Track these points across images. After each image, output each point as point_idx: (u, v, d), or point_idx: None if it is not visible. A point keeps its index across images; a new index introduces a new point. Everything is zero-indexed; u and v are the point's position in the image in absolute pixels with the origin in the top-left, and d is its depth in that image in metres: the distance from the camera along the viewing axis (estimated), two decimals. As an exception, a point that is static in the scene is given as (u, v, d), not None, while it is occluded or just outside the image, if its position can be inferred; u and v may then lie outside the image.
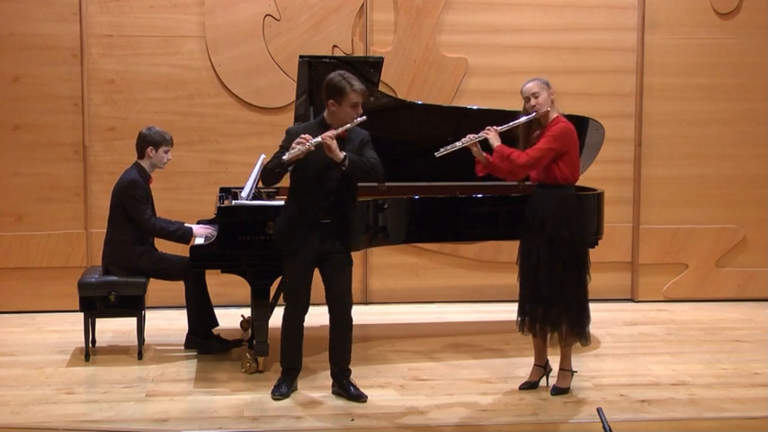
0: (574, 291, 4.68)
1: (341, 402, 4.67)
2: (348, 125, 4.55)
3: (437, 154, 4.82)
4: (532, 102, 4.68)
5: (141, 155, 5.45)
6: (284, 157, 4.50)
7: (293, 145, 4.47)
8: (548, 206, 4.68)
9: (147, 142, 5.42)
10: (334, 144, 4.45)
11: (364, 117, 4.58)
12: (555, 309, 4.66)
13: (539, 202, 4.74)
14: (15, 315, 6.47)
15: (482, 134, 4.77)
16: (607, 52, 6.96)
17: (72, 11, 6.48)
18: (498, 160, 4.71)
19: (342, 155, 4.46)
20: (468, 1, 6.83)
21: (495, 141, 4.74)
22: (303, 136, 4.50)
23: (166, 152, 5.46)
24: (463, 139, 4.79)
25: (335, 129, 4.54)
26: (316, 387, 4.88)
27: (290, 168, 4.60)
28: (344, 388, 4.73)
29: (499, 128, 4.78)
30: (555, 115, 4.72)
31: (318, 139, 4.49)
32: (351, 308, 4.76)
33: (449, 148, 4.80)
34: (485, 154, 4.78)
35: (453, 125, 5.74)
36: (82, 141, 6.56)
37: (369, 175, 4.59)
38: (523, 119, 4.73)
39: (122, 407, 4.60)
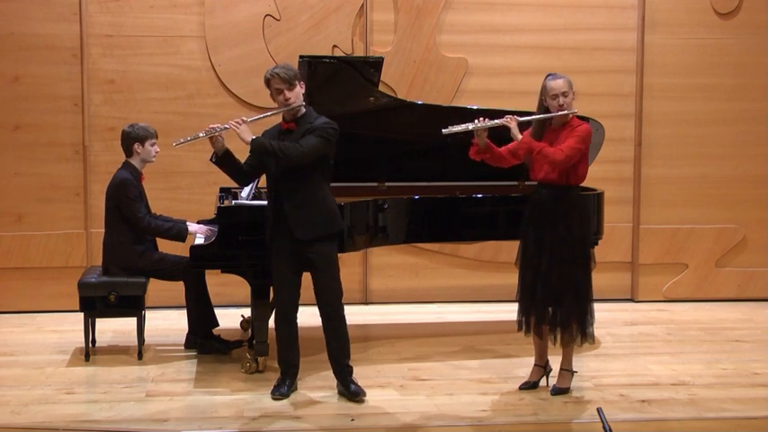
0: (584, 290, 4.67)
1: (341, 402, 4.67)
2: (266, 114, 4.71)
3: (444, 131, 4.70)
4: (561, 101, 4.58)
5: (129, 153, 5.44)
6: (174, 144, 4.74)
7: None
8: (558, 207, 4.64)
9: (132, 139, 5.40)
10: (239, 128, 4.55)
11: (300, 104, 4.60)
12: (566, 308, 4.65)
13: (547, 202, 4.67)
14: (15, 315, 6.47)
15: (500, 121, 4.65)
16: (607, 52, 6.96)
17: (72, 11, 6.48)
18: (526, 151, 4.61)
19: (249, 138, 4.53)
20: (468, 1, 6.83)
21: (519, 134, 4.62)
22: (210, 126, 4.63)
23: (153, 145, 5.45)
24: (476, 122, 4.65)
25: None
26: (316, 387, 4.88)
27: (214, 160, 4.69)
28: (346, 385, 4.73)
29: (520, 118, 4.68)
30: (571, 116, 4.67)
31: (226, 125, 4.60)
32: (339, 304, 4.72)
33: (458, 129, 4.67)
34: (488, 141, 4.71)
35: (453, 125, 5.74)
36: (82, 141, 6.56)
37: (276, 157, 4.51)
38: (544, 116, 4.64)
39: (122, 407, 4.60)
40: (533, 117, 4.70)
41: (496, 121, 4.67)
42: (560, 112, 4.61)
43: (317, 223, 4.65)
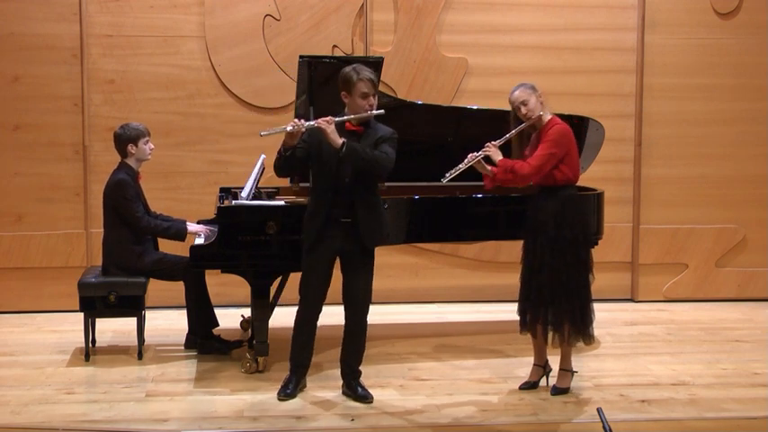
0: (576, 291, 4.68)
1: (341, 402, 4.67)
2: (354, 116, 4.50)
3: (444, 180, 4.78)
4: (523, 110, 4.65)
5: (124, 154, 5.42)
6: (261, 133, 4.48)
7: (290, 125, 4.45)
8: (549, 207, 4.67)
9: (125, 140, 5.38)
10: (329, 128, 4.39)
11: (381, 111, 4.52)
12: (557, 309, 4.66)
13: (540, 203, 4.73)
14: (15, 315, 6.47)
15: (482, 152, 4.76)
16: (607, 52, 6.96)
17: (72, 11, 6.48)
18: (503, 174, 4.70)
19: (340, 141, 4.39)
20: (468, 1, 6.83)
21: (496, 156, 4.73)
22: (296, 120, 4.48)
23: (146, 143, 5.43)
24: (466, 160, 4.76)
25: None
26: (317, 387, 4.87)
27: (288, 154, 4.50)
28: (352, 388, 4.73)
29: (497, 142, 4.77)
30: (548, 117, 4.70)
31: (313, 122, 4.46)
32: (366, 312, 4.71)
33: (454, 171, 4.76)
34: (491, 168, 4.77)
35: (453, 125, 5.75)
36: (82, 141, 6.56)
37: (370, 165, 4.45)
38: (517, 129, 4.72)
39: (122, 407, 4.60)
40: (506, 136, 4.76)
41: (481, 152, 4.76)
42: (524, 124, 4.68)
43: (382, 230, 4.67)
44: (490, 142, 4.77)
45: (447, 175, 4.78)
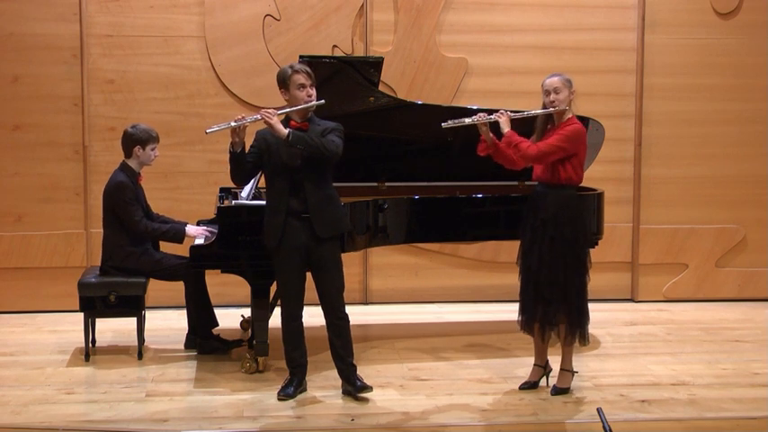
0: (574, 290, 4.68)
1: (342, 402, 4.67)
2: (295, 107, 4.56)
3: (444, 125, 4.78)
4: (552, 97, 4.63)
5: (128, 154, 5.41)
6: (207, 131, 4.58)
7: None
8: (549, 206, 4.66)
9: (134, 141, 5.38)
10: (273, 119, 4.46)
11: (321, 101, 4.57)
12: (554, 308, 4.66)
13: (540, 201, 4.72)
14: (15, 315, 6.47)
15: (494, 116, 4.72)
16: (607, 52, 6.96)
17: (72, 11, 6.48)
18: (505, 146, 4.68)
19: (285, 131, 4.45)
20: (469, 1, 6.82)
21: (505, 127, 4.68)
22: (239, 116, 4.56)
23: (153, 149, 5.43)
24: (474, 117, 4.74)
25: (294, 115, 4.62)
26: (318, 387, 4.87)
27: (238, 152, 4.56)
28: (352, 383, 4.72)
29: (513, 114, 4.74)
30: (570, 115, 4.69)
31: (256, 116, 4.51)
32: (341, 303, 4.71)
33: (457, 122, 4.76)
34: (492, 136, 4.76)
35: (453, 125, 5.75)
36: (82, 141, 6.56)
37: (319, 150, 4.47)
38: (539, 111, 4.69)
39: (122, 407, 4.60)
40: (525, 113, 4.74)
41: (492, 116, 4.74)
42: (549, 110, 4.66)
43: (335, 221, 4.69)
44: (504, 111, 4.74)
45: (450, 122, 4.78)
